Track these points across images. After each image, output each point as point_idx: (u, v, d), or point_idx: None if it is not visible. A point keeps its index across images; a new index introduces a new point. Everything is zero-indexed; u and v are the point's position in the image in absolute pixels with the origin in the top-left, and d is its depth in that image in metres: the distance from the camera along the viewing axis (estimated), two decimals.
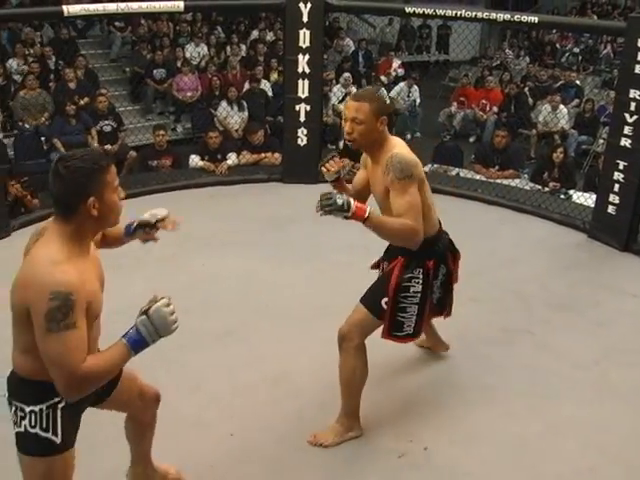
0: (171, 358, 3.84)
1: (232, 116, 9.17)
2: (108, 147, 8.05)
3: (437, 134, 9.30)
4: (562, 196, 6.76)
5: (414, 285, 3.10)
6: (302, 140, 6.87)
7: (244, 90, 9.92)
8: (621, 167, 5.45)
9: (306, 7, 6.46)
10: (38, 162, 7.82)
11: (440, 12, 6.29)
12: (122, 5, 6.14)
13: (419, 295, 3.12)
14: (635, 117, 5.28)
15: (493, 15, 6.04)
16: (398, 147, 3.00)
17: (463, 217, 5.81)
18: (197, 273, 4.95)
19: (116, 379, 2.38)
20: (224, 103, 9.27)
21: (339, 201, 2.73)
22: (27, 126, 8.41)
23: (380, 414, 3.49)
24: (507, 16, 5.95)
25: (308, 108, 6.77)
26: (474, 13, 6.20)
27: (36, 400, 2.12)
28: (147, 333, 2.08)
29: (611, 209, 5.59)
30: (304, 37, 6.55)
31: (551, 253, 5.56)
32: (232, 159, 7.30)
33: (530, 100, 10.63)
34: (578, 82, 11.48)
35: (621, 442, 3.37)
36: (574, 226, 6.01)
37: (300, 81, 6.68)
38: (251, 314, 4.46)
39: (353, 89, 10.23)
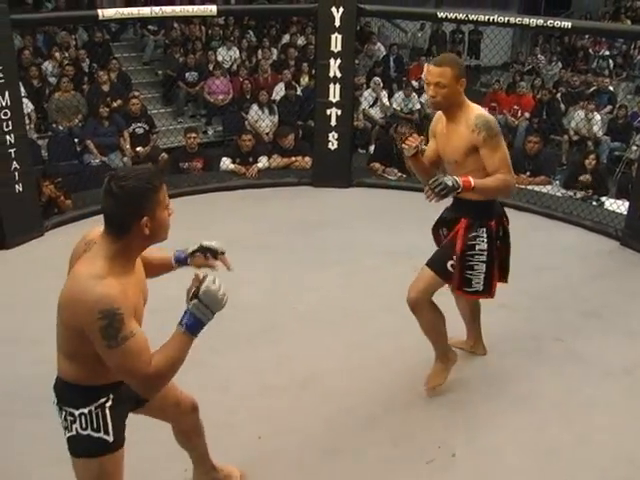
0: (200, 360, 3.85)
1: (263, 119, 9.21)
2: (140, 149, 8.14)
3: None
4: (594, 203, 6.70)
5: (479, 243, 3.34)
6: (333, 144, 6.88)
7: (280, 96, 9.96)
8: None
9: (338, 12, 6.47)
10: (71, 163, 7.93)
11: (472, 17, 6.27)
12: (156, 9, 6.19)
13: (485, 253, 3.35)
14: None
15: (526, 20, 5.99)
16: (479, 109, 3.27)
17: None
18: (227, 275, 4.97)
19: None
20: (255, 106, 9.32)
21: (449, 182, 3.03)
22: (61, 128, 8.52)
23: (409, 419, 3.48)
24: (540, 21, 5.90)
25: (339, 112, 6.77)
26: (506, 18, 6.14)
27: (84, 403, 2.17)
28: (202, 314, 2.11)
29: None
30: (336, 41, 6.56)
31: (582, 260, 5.50)
32: (263, 162, 7.32)
33: (562, 106, 10.54)
34: (611, 88, 11.35)
35: None
36: (606, 233, 5.95)
37: (331, 85, 6.69)
38: (280, 316, 4.48)
39: (384, 94, 10.24)
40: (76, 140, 8.35)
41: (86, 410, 2.17)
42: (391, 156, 7.36)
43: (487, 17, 6.12)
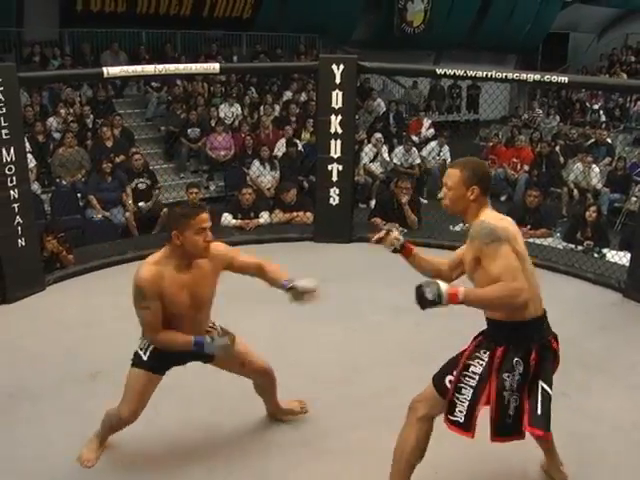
0: (205, 420, 3.83)
1: (265, 175, 9.29)
2: (142, 204, 8.17)
3: None
4: (596, 255, 6.70)
5: (475, 365, 2.90)
6: (334, 199, 6.91)
7: (281, 152, 10.05)
8: None
9: (339, 69, 6.57)
10: (74, 218, 7.98)
11: (471, 73, 6.37)
12: (160, 67, 6.30)
13: (477, 378, 2.88)
14: None
15: (523, 76, 6.08)
16: (486, 215, 2.88)
17: None
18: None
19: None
20: (257, 162, 9.40)
21: (429, 296, 2.69)
22: (64, 182, 8.59)
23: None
24: (537, 76, 6.01)
25: (340, 168, 6.82)
26: (504, 74, 6.24)
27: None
28: (207, 346, 3.20)
29: None
30: (337, 98, 6.65)
31: (585, 313, 5.47)
32: (264, 217, 7.35)
33: (561, 158, 10.64)
34: (609, 140, 11.47)
35: None
36: (609, 285, 5.93)
37: (332, 141, 6.76)
38: (281, 373, 4.42)
39: (384, 149, 10.34)
40: (79, 195, 8.41)
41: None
42: (392, 211, 7.40)
43: (485, 73, 6.21)
